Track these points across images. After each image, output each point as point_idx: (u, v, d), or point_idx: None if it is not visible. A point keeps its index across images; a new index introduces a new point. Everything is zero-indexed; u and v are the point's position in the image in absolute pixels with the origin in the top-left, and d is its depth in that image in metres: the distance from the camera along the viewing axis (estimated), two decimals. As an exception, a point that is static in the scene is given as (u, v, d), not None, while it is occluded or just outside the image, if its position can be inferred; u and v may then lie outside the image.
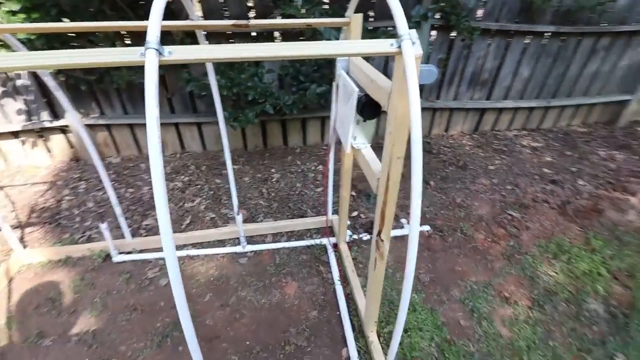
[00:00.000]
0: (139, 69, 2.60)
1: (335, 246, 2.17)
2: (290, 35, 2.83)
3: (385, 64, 3.13)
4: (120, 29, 1.31)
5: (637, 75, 3.77)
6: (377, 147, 1.16)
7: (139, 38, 2.57)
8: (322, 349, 1.63)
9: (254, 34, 2.80)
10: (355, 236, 2.26)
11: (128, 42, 2.71)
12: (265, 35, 2.83)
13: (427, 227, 2.34)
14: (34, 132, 2.99)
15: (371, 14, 2.92)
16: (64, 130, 3.04)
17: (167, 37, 2.55)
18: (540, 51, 3.38)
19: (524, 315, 1.76)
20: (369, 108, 1.25)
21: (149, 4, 2.61)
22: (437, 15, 2.90)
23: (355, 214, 2.48)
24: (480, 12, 3.12)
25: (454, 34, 3.07)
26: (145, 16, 2.50)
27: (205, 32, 1.69)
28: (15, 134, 2.95)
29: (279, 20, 1.37)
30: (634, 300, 1.85)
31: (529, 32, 3.23)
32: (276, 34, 2.91)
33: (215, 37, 2.73)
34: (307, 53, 0.81)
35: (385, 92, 1.02)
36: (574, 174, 3.06)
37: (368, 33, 2.77)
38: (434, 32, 3.04)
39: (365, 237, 2.26)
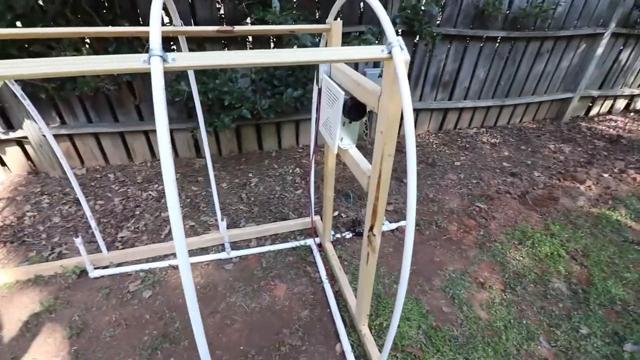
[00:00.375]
0: (106, 76, 2.50)
1: (320, 246, 2.22)
2: (261, 40, 2.86)
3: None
4: (116, 35, 1.27)
5: (577, 75, 4.19)
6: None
7: (104, 42, 2.47)
8: (316, 346, 1.66)
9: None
10: (338, 235, 2.32)
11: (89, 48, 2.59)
12: (240, 41, 2.83)
13: (404, 222, 2.46)
14: (-14, 145, 2.76)
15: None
16: (20, 142, 2.83)
17: (137, 42, 2.49)
18: (494, 54, 3.67)
19: (498, 298, 1.92)
20: (355, 110, 1.32)
21: (114, 8, 2.53)
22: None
23: (336, 213, 2.55)
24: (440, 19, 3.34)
25: (416, 39, 3.25)
26: (112, 21, 2.42)
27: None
28: (-37, 148, 2.71)
29: (263, 27, 1.39)
30: (591, 277, 2.07)
31: (483, 37, 3.50)
32: (249, 38, 2.93)
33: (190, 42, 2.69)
34: (308, 59, 0.86)
35: (373, 94, 1.09)
36: (530, 166, 3.35)
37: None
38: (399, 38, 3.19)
39: (348, 235, 2.33)
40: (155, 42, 0.74)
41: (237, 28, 1.31)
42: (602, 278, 2.06)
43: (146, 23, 2.54)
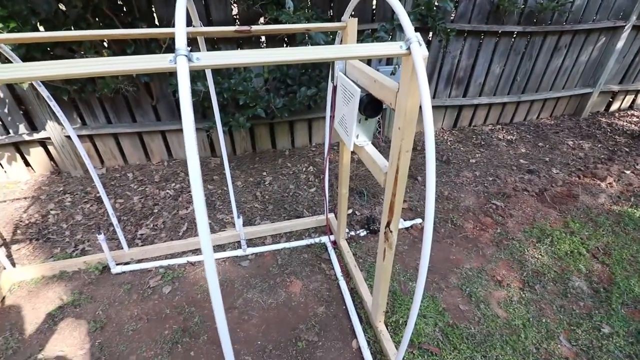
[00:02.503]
0: (125, 77, 2.57)
1: (335, 243, 2.23)
2: (274, 40, 2.88)
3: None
4: (138, 37, 1.31)
5: (597, 70, 4.08)
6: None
7: (123, 44, 2.53)
8: (332, 342, 1.68)
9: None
10: (352, 233, 2.33)
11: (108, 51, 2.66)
12: (254, 41, 2.87)
13: (419, 220, 2.45)
14: (12, 146, 2.87)
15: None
16: (43, 142, 2.93)
17: (155, 44, 2.54)
18: (509, 49, 3.60)
19: (517, 296, 1.89)
20: (371, 107, 1.32)
21: (132, 11, 2.59)
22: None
23: (350, 211, 2.55)
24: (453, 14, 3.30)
25: (430, 35, 3.23)
26: (130, 24, 2.48)
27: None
28: (-10, 149, 2.83)
29: (279, 26, 1.41)
30: (612, 276, 2.02)
31: (498, 32, 3.44)
32: (262, 38, 2.96)
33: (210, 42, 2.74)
34: (328, 56, 0.87)
35: (390, 90, 1.10)
36: (548, 163, 3.28)
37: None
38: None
39: (362, 233, 2.33)
40: (181, 42, 0.76)
41: (255, 28, 1.33)
42: (624, 277, 2.01)
43: (162, 25, 2.60)
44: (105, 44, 2.61)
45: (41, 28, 2.35)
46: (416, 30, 0.91)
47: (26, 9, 2.18)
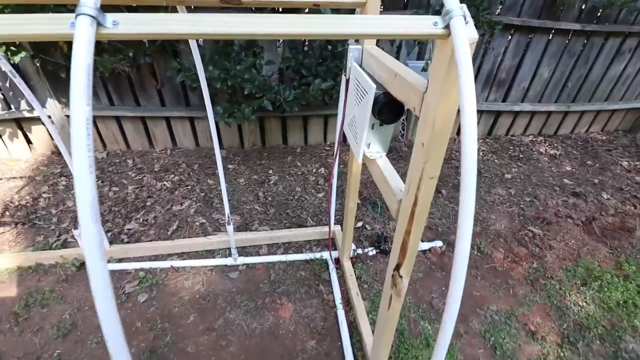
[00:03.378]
0: (124, 55, 2.35)
1: (338, 262, 1.94)
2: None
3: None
4: (46, 1, 1.03)
5: (665, 81, 3.52)
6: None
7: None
8: (320, 388, 1.40)
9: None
10: (359, 250, 2.02)
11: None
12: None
13: (439, 243, 2.11)
14: (13, 122, 2.74)
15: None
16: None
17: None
18: (563, 50, 3.13)
19: (553, 355, 1.53)
20: (388, 109, 1.00)
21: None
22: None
23: (359, 224, 2.25)
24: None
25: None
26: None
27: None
28: (-10, 124, 2.71)
29: (280, -2, 1.12)
30: (678, 339, 1.62)
31: (552, 29, 2.98)
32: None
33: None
34: (330, 31, 0.57)
35: (415, 89, 0.78)
36: (597, 186, 2.83)
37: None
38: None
39: (371, 252, 2.02)
40: (85, -6, 0.48)
41: (247, -3, 1.04)
42: (694, 342, 1.61)
43: None
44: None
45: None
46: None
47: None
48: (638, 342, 1.60)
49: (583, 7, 2.88)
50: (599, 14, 2.96)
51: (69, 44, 2.34)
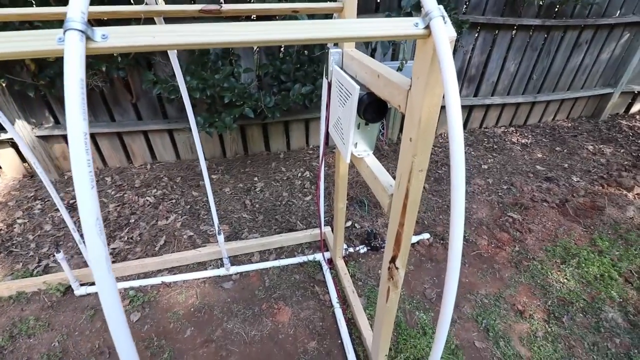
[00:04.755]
0: (96, 70, 2.29)
1: (331, 262, 1.96)
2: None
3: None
4: (30, 18, 1.00)
5: (618, 69, 3.77)
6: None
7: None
8: (324, 387, 1.41)
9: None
10: (351, 249, 2.06)
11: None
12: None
13: (427, 235, 2.17)
14: (-21, 147, 2.62)
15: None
16: (14, 143, 2.67)
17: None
18: (526, 45, 3.30)
19: (541, 331, 1.61)
20: (373, 108, 1.04)
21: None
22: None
23: (349, 223, 2.28)
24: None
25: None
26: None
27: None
28: (-46, 150, 2.57)
29: (258, 5, 1.14)
30: (651, 305, 1.74)
31: (515, 26, 3.14)
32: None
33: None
34: (314, 35, 0.60)
35: (399, 88, 0.82)
36: (567, 170, 2.99)
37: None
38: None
39: (362, 249, 2.06)
40: (75, 10, 0.49)
41: (227, 7, 1.06)
42: (666, 307, 1.73)
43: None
44: None
45: None
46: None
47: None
48: (616, 311, 1.71)
49: (542, 3, 3.06)
50: (556, 9, 3.15)
51: (37, 61, 2.27)
